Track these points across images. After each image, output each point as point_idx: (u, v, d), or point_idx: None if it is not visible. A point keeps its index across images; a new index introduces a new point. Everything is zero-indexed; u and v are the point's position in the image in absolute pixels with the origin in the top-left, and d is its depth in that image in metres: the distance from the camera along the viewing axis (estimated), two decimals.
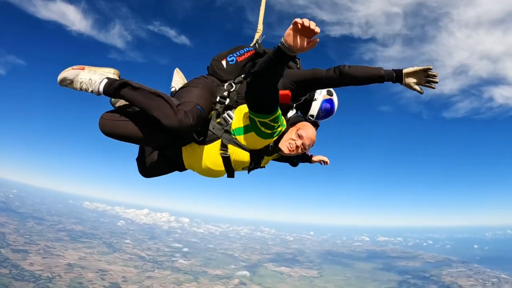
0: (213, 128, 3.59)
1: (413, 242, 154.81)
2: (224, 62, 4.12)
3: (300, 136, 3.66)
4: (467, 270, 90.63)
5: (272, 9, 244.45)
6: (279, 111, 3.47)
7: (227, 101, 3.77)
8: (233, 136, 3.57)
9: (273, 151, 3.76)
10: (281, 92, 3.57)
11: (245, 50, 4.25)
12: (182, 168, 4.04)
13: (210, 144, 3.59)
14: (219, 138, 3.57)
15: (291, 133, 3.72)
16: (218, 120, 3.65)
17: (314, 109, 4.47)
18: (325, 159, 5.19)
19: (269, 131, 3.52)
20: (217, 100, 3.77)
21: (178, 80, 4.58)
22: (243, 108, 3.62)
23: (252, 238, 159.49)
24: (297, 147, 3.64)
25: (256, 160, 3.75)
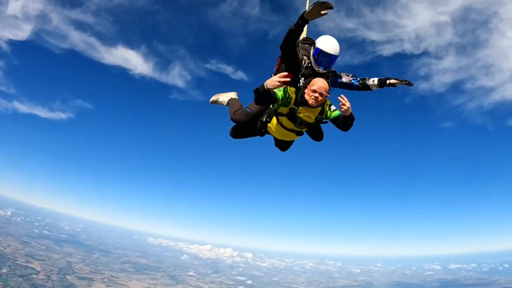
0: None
1: (488, 268, 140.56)
2: None
3: (314, 91, 5.19)
4: None
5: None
6: (280, 94, 5.32)
7: None
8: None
9: (300, 105, 5.45)
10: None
11: None
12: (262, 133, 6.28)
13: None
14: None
15: (308, 92, 5.26)
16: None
17: (312, 62, 5.63)
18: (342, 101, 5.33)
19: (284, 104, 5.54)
20: None
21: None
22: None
23: (318, 272, 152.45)
24: (316, 97, 5.19)
25: (293, 118, 5.62)
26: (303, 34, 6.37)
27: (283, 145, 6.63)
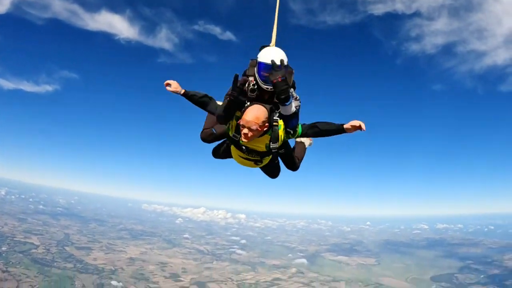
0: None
1: (473, 229, 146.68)
2: None
3: (242, 126, 4.22)
4: None
5: None
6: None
7: None
8: None
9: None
10: None
11: None
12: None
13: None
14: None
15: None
16: None
17: (258, 81, 4.53)
18: (358, 123, 4.43)
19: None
20: None
21: None
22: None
23: (309, 231, 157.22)
24: (245, 134, 4.23)
25: (238, 146, 4.69)
26: (272, 43, 4.99)
27: (264, 170, 5.59)
